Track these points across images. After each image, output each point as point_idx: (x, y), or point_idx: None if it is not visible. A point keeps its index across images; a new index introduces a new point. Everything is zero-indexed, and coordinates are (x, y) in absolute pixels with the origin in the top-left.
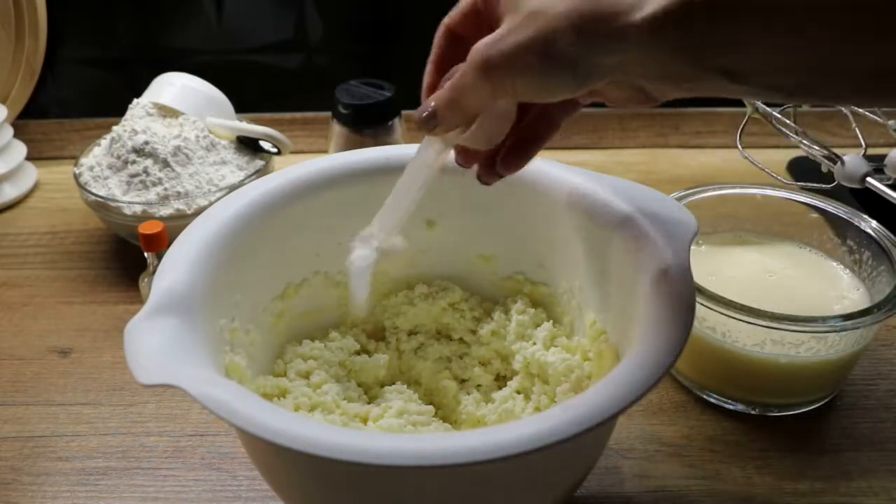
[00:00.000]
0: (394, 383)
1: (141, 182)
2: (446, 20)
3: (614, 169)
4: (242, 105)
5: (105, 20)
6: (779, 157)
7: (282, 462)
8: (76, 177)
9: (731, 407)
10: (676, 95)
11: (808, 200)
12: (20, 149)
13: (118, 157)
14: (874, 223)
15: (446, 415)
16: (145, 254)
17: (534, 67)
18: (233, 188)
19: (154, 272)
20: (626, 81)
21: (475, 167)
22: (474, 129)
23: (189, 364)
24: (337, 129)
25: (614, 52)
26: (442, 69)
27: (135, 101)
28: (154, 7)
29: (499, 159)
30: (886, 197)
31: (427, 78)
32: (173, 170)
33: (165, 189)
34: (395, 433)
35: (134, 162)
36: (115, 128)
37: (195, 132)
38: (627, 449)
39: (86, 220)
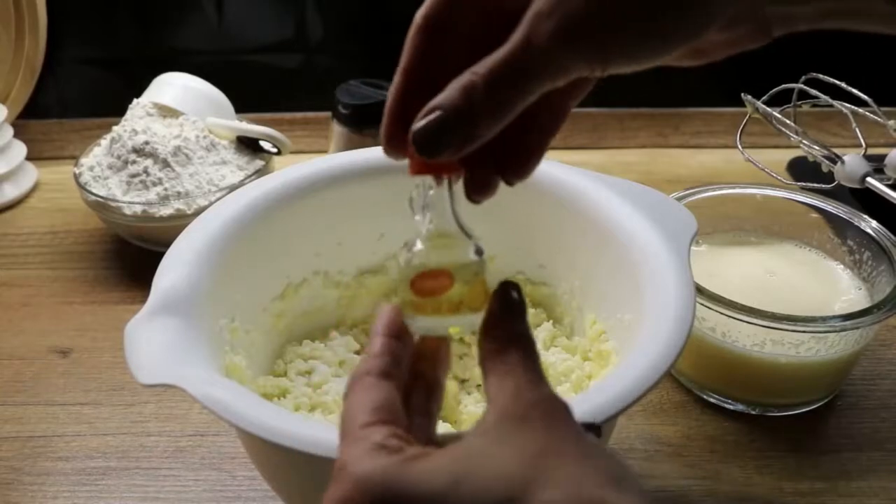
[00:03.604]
0: None
1: (141, 182)
2: (423, 11)
3: (614, 169)
4: (242, 105)
5: (105, 20)
6: (779, 157)
7: (282, 462)
8: (76, 177)
9: (731, 407)
10: (807, 24)
11: (808, 200)
12: (20, 149)
13: (118, 157)
14: (874, 223)
15: (446, 415)
16: None
17: (647, 14)
18: (233, 188)
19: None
20: (749, 7)
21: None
22: None
23: (189, 364)
24: (337, 129)
25: None
26: (420, 82)
27: (135, 101)
28: (154, 7)
29: (507, 168)
30: (886, 197)
31: (393, 97)
32: (173, 170)
33: (165, 189)
34: None
35: (134, 162)
36: (115, 128)
37: (195, 132)
38: (627, 449)
39: (86, 220)
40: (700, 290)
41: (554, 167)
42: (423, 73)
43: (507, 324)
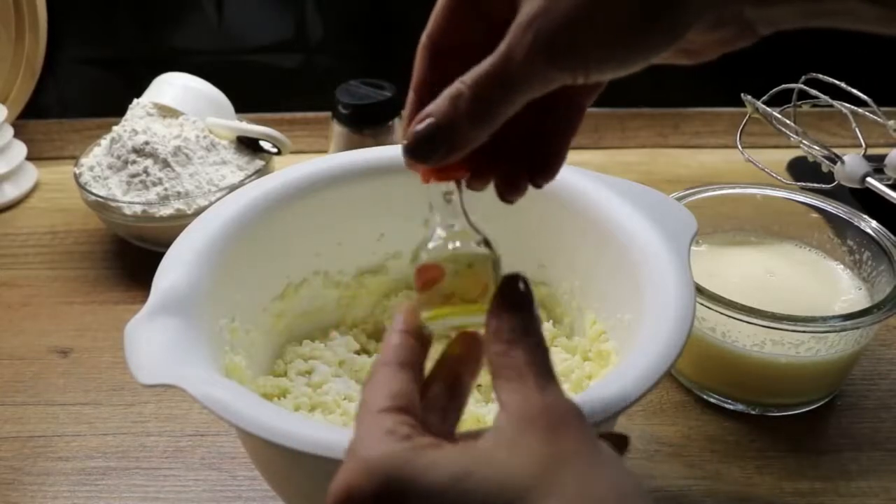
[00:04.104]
0: None
1: (141, 182)
2: (427, 31)
3: (614, 169)
4: (242, 105)
5: (105, 20)
6: (779, 157)
7: (282, 462)
8: (76, 177)
9: (731, 407)
10: (790, 24)
11: (808, 200)
12: (20, 149)
13: (118, 157)
14: (874, 223)
15: None
16: None
17: (620, 26)
18: (233, 188)
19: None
20: (729, 11)
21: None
22: None
23: (189, 364)
24: (337, 129)
25: None
26: (429, 97)
27: (135, 101)
28: (154, 7)
29: (534, 170)
30: (886, 197)
31: (408, 114)
32: (173, 170)
33: (165, 189)
34: None
35: (134, 162)
36: (115, 128)
37: (195, 132)
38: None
39: (86, 220)
40: (700, 290)
41: None
42: (433, 89)
43: (512, 320)
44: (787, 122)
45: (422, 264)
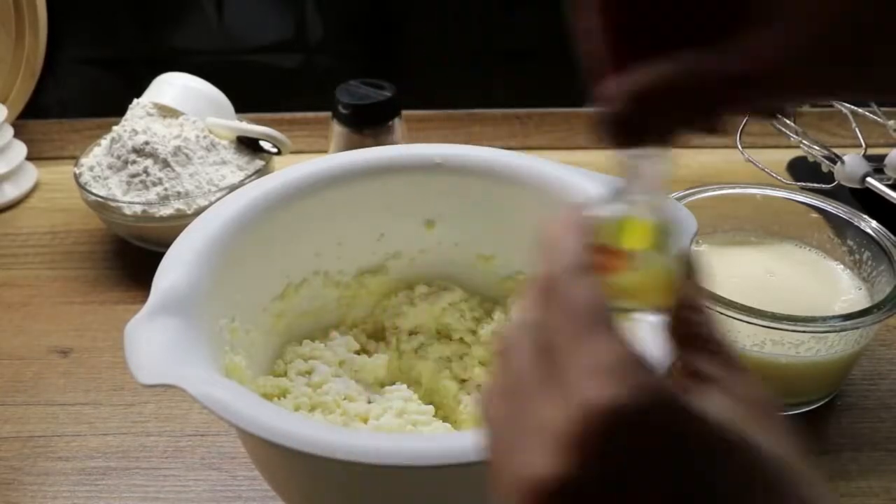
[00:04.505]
0: (394, 383)
1: (141, 182)
2: None
3: (614, 169)
4: (242, 105)
5: (105, 20)
6: (779, 157)
7: (282, 462)
8: (76, 177)
9: None
10: None
11: (808, 200)
12: (20, 149)
13: (118, 157)
14: (874, 223)
15: (446, 415)
16: None
17: None
18: (233, 188)
19: None
20: None
21: None
22: None
23: (189, 364)
24: (337, 129)
25: None
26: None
27: (135, 101)
28: (154, 7)
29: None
30: (886, 197)
31: (598, 53)
32: (173, 170)
33: (165, 189)
34: (395, 433)
35: (134, 162)
36: (115, 128)
37: (195, 132)
38: None
39: (86, 220)
40: None
41: (553, 167)
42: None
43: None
44: (787, 122)
45: (604, 244)
